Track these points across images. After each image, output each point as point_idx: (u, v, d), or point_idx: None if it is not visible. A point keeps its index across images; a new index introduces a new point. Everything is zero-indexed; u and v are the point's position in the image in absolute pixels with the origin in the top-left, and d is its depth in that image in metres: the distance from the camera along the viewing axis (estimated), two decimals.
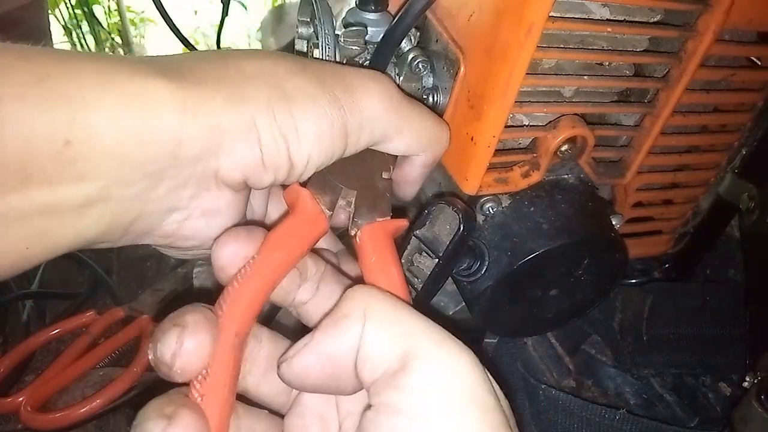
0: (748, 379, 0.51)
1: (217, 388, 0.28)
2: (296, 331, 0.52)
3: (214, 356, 0.28)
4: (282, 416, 0.34)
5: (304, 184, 0.35)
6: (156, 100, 0.28)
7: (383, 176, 0.38)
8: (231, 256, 0.31)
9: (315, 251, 0.37)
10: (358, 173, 0.37)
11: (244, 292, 0.30)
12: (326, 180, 0.35)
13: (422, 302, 0.43)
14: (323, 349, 0.28)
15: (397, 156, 0.39)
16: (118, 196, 0.28)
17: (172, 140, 0.28)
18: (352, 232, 0.35)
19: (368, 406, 0.27)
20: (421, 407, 0.25)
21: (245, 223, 0.37)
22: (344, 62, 0.45)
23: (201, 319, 0.28)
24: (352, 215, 0.35)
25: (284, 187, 0.35)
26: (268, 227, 0.40)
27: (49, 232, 0.27)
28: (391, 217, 0.36)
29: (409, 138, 0.37)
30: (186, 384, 0.28)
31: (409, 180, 0.40)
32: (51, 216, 0.27)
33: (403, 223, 0.37)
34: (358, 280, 0.38)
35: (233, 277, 0.31)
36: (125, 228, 0.30)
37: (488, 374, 0.27)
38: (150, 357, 0.28)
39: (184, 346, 0.27)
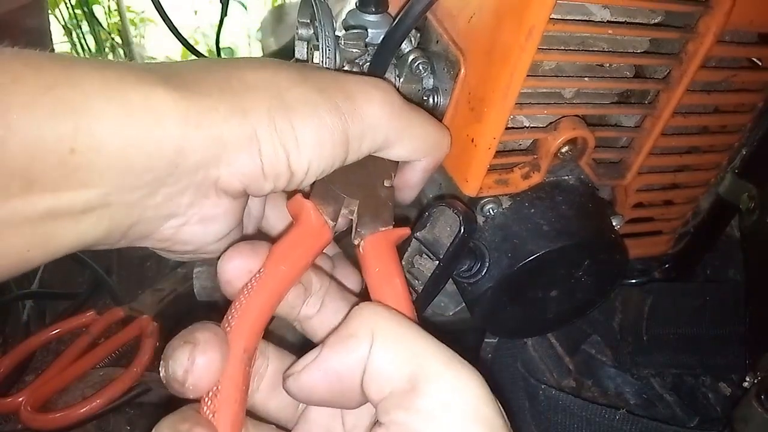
0: (748, 379, 0.51)
1: (228, 404, 0.28)
2: (295, 343, 0.52)
3: (223, 373, 0.28)
4: (289, 431, 0.35)
5: (306, 195, 0.35)
6: (159, 110, 0.28)
7: (385, 184, 0.38)
8: (236, 270, 0.32)
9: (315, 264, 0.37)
10: (360, 182, 0.37)
11: (251, 308, 0.30)
12: (329, 190, 0.35)
13: (422, 304, 0.43)
14: (330, 367, 0.28)
15: (398, 163, 0.39)
16: (117, 202, 0.29)
17: (173, 150, 0.29)
18: (356, 242, 0.35)
19: (378, 423, 0.27)
20: (432, 428, 0.25)
21: (243, 234, 0.38)
22: (344, 64, 0.45)
23: (211, 336, 0.29)
24: (355, 225, 0.36)
25: (287, 193, 0.36)
26: (269, 236, 0.40)
27: (50, 236, 0.28)
28: (394, 226, 0.36)
29: (410, 144, 0.37)
30: (197, 400, 0.29)
31: (410, 185, 0.40)
32: (52, 221, 0.27)
33: (405, 231, 0.37)
34: (357, 286, 0.39)
35: (240, 291, 0.31)
36: (123, 232, 0.31)
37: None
38: (162, 374, 0.29)
39: (195, 362, 0.28)
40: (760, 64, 0.47)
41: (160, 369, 0.29)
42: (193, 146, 0.29)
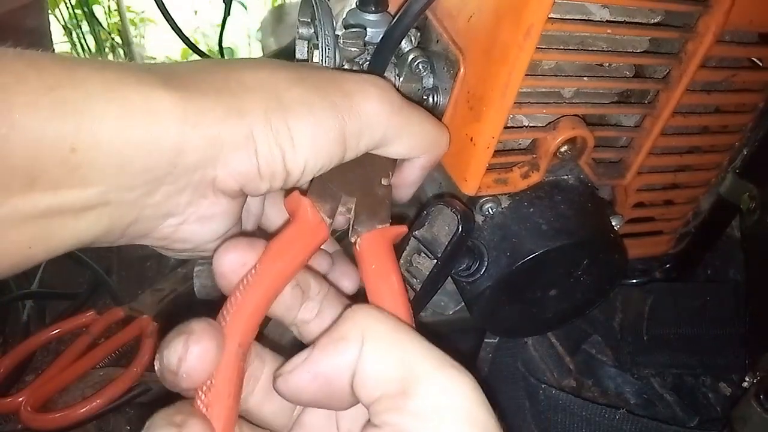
0: (747, 379, 0.51)
1: (222, 398, 0.28)
2: (287, 347, 0.52)
3: (218, 367, 0.29)
4: None
5: (304, 192, 0.35)
6: (158, 110, 0.29)
7: (382, 182, 0.38)
8: (231, 263, 0.32)
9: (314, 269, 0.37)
10: (358, 180, 0.37)
11: (246, 303, 0.30)
12: (326, 187, 0.36)
13: (420, 302, 0.43)
14: (319, 369, 0.28)
15: (396, 161, 0.39)
16: (117, 200, 0.29)
17: (172, 149, 0.29)
18: (352, 240, 0.36)
19: (370, 423, 0.27)
20: (425, 429, 0.26)
21: (242, 231, 0.38)
22: (344, 63, 0.45)
23: (206, 326, 0.29)
24: (351, 223, 0.36)
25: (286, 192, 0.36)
26: (269, 233, 0.40)
27: (51, 233, 0.28)
28: (390, 224, 0.36)
29: (409, 141, 0.37)
30: (190, 397, 0.29)
31: (407, 182, 0.41)
32: (53, 218, 0.28)
33: (402, 229, 0.37)
34: (355, 284, 0.39)
35: (235, 287, 0.31)
36: (123, 230, 0.31)
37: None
38: (156, 368, 0.29)
39: (189, 350, 0.28)
40: (760, 64, 0.47)
41: (155, 362, 0.29)
42: (191, 146, 0.30)
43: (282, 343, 0.54)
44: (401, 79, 0.45)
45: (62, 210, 0.28)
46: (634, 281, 0.65)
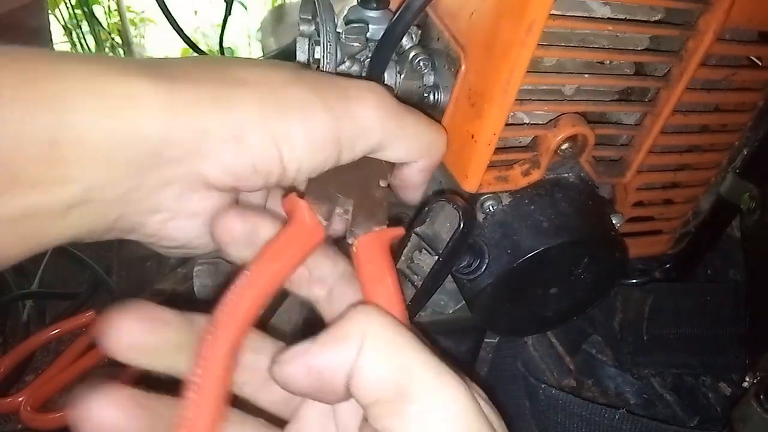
0: (747, 379, 0.51)
1: (209, 399, 0.29)
2: (294, 335, 0.53)
3: (209, 368, 0.29)
4: (280, 423, 0.35)
5: (301, 194, 0.35)
6: (139, 99, 0.28)
7: (380, 184, 0.38)
8: (228, 229, 0.32)
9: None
10: (355, 182, 0.37)
11: (239, 306, 0.31)
12: (324, 189, 0.36)
13: (421, 299, 0.43)
14: (314, 364, 0.28)
15: (394, 163, 0.39)
16: (100, 197, 0.29)
17: (154, 140, 0.29)
18: (349, 241, 0.36)
19: (369, 426, 0.27)
20: None
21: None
22: (346, 59, 0.45)
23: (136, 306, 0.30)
24: (348, 225, 0.36)
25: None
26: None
27: (34, 232, 0.28)
28: (388, 226, 0.37)
29: (406, 145, 0.37)
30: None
31: (410, 185, 0.40)
32: (35, 218, 0.27)
33: (399, 231, 0.37)
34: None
35: (229, 290, 0.31)
36: (107, 227, 0.31)
37: (480, 404, 0.28)
38: None
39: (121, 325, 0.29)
40: (760, 63, 0.47)
41: None
42: (175, 137, 0.29)
43: (287, 330, 0.54)
44: (402, 76, 0.45)
45: (44, 209, 0.27)
46: (634, 281, 0.65)
